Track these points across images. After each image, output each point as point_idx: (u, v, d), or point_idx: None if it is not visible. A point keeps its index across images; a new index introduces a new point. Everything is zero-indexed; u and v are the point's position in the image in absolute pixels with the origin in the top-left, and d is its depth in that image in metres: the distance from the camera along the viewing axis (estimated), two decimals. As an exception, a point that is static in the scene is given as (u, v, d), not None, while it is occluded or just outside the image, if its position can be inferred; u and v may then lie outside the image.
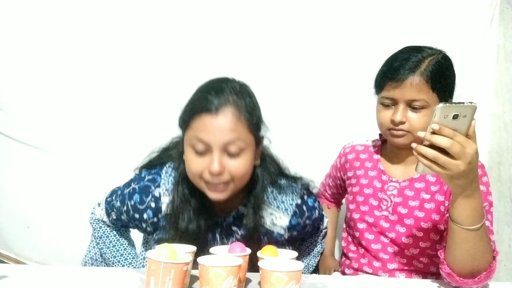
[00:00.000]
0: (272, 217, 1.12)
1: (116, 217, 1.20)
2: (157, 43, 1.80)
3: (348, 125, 1.75)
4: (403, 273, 1.23)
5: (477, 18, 1.79)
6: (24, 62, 1.84)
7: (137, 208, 1.12)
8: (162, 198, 1.11)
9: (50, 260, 1.83)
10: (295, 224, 1.15)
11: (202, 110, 0.98)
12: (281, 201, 1.14)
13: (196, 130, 0.98)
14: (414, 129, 1.14)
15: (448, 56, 1.18)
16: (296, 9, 1.80)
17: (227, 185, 1.01)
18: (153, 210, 1.11)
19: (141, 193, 1.12)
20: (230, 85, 1.02)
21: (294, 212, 1.14)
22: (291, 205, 1.14)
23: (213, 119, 0.97)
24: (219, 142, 0.97)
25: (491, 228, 1.11)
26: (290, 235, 1.16)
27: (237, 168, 1.00)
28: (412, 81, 1.12)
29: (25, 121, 1.86)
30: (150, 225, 1.14)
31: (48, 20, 1.83)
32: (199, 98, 1.01)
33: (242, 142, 0.99)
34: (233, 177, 1.00)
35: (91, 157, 1.83)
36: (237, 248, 1.00)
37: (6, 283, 0.96)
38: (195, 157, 1.00)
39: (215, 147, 0.97)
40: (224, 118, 0.97)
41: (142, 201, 1.12)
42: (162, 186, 1.12)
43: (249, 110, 1.01)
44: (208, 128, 0.97)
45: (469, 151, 0.87)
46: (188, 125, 1.00)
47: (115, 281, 1.01)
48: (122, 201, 1.15)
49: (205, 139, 0.97)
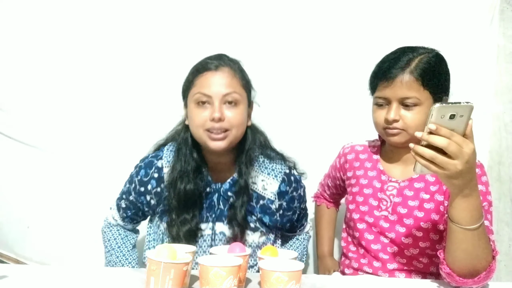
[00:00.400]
0: (263, 183, 1.26)
1: (125, 205, 1.33)
2: (157, 44, 1.80)
3: (348, 125, 1.75)
4: (403, 273, 1.23)
5: (477, 18, 1.79)
6: (23, 62, 1.84)
7: (142, 181, 1.26)
8: (164, 169, 1.25)
9: (50, 260, 1.83)
10: (284, 191, 1.28)
11: (204, 69, 1.18)
12: (272, 169, 1.28)
13: (200, 86, 1.16)
14: (409, 127, 1.15)
15: (440, 54, 1.19)
16: (296, 9, 1.80)
17: (226, 133, 1.16)
18: (156, 180, 1.25)
19: (145, 168, 1.27)
20: (225, 55, 1.23)
21: (282, 179, 1.28)
22: (280, 172, 1.28)
23: (213, 75, 1.16)
24: (219, 94, 1.14)
25: (491, 228, 1.11)
26: (280, 205, 1.28)
27: (234, 116, 1.16)
28: (402, 79, 1.14)
29: (25, 121, 1.86)
30: (154, 196, 1.26)
31: (48, 20, 1.82)
32: (201, 63, 1.21)
33: (237, 95, 1.17)
34: (231, 125, 1.16)
35: (91, 157, 1.83)
36: (237, 248, 1.00)
37: (6, 283, 0.96)
38: (199, 109, 1.16)
39: (215, 98, 1.14)
40: (222, 74, 1.16)
41: (146, 174, 1.26)
42: (164, 159, 1.26)
43: (241, 72, 1.22)
44: (209, 83, 1.15)
45: (467, 151, 0.88)
46: (192, 84, 1.18)
47: (115, 281, 1.01)
48: (130, 181, 1.30)
49: (207, 92, 1.15)
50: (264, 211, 1.27)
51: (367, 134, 1.40)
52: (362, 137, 1.43)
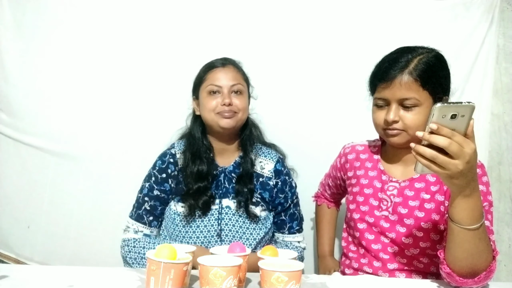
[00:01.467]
0: (261, 164, 1.48)
1: (150, 206, 1.42)
2: (160, 50, 1.80)
3: (348, 125, 1.75)
4: (403, 273, 1.23)
5: (477, 18, 1.79)
6: (23, 63, 1.84)
7: (161, 169, 1.44)
8: (177, 155, 1.45)
9: (50, 260, 1.83)
10: (280, 169, 1.48)
11: (214, 66, 1.43)
12: (268, 153, 1.51)
13: (211, 79, 1.40)
14: (408, 128, 1.15)
15: (440, 54, 1.18)
16: (297, 9, 1.80)
17: (234, 114, 1.38)
18: (173, 164, 1.44)
19: (161, 158, 1.46)
20: (229, 58, 1.47)
21: (278, 160, 1.50)
22: (276, 155, 1.51)
23: (221, 70, 1.41)
24: (227, 84, 1.39)
25: (491, 228, 1.11)
26: (276, 183, 1.47)
27: (240, 102, 1.40)
28: (401, 80, 1.13)
29: (26, 122, 1.86)
30: (173, 180, 1.43)
31: (52, 20, 1.82)
32: (209, 62, 1.45)
33: (241, 86, 1.42)
34: (238, 109, 1.39)
35: (91, 157, 1.83)
36: (237, 248, 1.00)
37: (6, 283, 0.96)
38: (211, 98, 1.39)
39: (224, 88, 1.39)
40: (229, 69, 1.42)
41: (163, 162, 1.45)
42: (176, 147, 1.47)
43: (244, 71, 1.48)
44: (218, 76, 1.40)
45: (468, 151, 0.88)
46: (204, 78, 1.42)
47: (115, 281, 1.01)
48: (149, 177, 1.44)
49: (218, 83, 1.39)
50: (264, 188, 1.46)
51: (367, 134, 1.40)
52: (362, 137, 1.43)
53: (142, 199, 1.42)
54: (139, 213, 1.42)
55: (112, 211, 1.78)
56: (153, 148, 1.53)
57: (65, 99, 1.83)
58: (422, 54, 1.16)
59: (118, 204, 1.72)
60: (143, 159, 1.57)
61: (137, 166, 1.65)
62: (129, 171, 1.77)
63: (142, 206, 1.42)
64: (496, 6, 1.78)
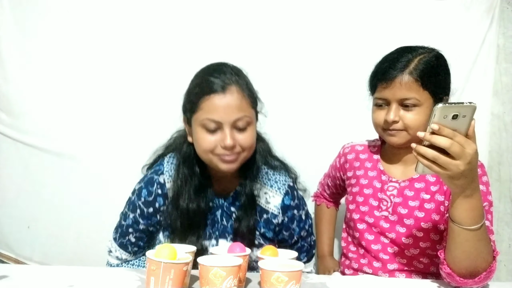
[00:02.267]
0: (266, 196, 1.21)
1: (135, 238, 1.21)
2: (160, 49, 1.80)
3: (348, 125, 1.75)
4: (403, 274, 1.23)
5: (477, 18, 1.79)
6: (25, 64, 1.84)
7: (148, 202, 1.19)
8: (166, 185, 1.19)
9: (50, 260, 1.83)
10: (288, 204, 1.21)
11: (210, 91, 1.07)
12: (275, 181, 1.23)
13: (207, 111, 1.07)
14: (408, 128, 1.15)
15: (440, 54, 1.18)
16: (297, 9, 1.80)
17: (238, 155, 1.11)
18: (162, 197, 1.19)
19: (146, 187, 1.20)
20: (227, 67, 1.14)
21: (286, 192, 1.22)
22: (284, 184, 1.23)
23: (222, 98, 1.07)
24: (230, 119, 1.07)
25: (491, 228, 1.11)
26: (282, 221, 1.21)
27: (246, 140, 1.10)
28: (401, 80, 1.13)
29: (26, 122, 1.86)
30: (162, 214, 1.19)
31: (52, 20, 1.82)
32: (205, 81, 1.10)
33: (248, 117, 1.10)
34: (243, 148, 1.11)
35: (91, 157, 1.83)
36: (237, 248, 1.00)
37: (6, 283, 0.96)
38: (207, 135, 1.09)
39: (226, 124, 1.07)
40: (231, 96, 1.07)
41: (149, 192, 1.19)
42: (166, 173, 1.20)
43: (249, 87, 1.14)
44: (218, 108, 1.06)
45: (469, 151, 0.88)
46: (197, 107, 1.09)
47: (115, 281, 1.01)
48: (133, 208, 1.21)
49: (217, 118, 1.06)
50: (268, 226, 1.21)
51: (367, 134, 1.40)
52: (362, 137, 1.43)
53: (126, 229, 1.22)
54: (123, 242, 1.23)
55: (112, 211, 1.77)
56: (153, 148, 1.52)
57: (65, 99, 1.83)
58: (423, 54, 1.16)
59: (118, 204, 1.71)
60: (143, 159, 1.57)
61: (137, 166, 1.64)
62: (129, 171, 1.76)
63: (126, 236, 1.22)
64: (496, 6, 1.78)
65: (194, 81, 1.15)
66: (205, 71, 1.15)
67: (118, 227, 1.25)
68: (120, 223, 1.24)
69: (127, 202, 1.24)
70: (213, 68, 1.14)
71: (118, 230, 1.24)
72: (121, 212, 1.26)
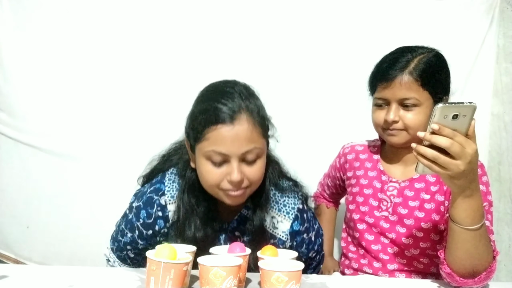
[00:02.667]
0: (273, 220, 1.12)
1: (134, 253, 1.16)
2: (161, 49, 1.80)
3: (348, 125, 1.75)
4: (403, 274, 1.23)
5: (477, 18, 1.79)
6: (25, 64, 1.84)
7: (147, 224, 1.10)
8: (168, 207, 1.10)
9: (50, 260, 1.83)
10: (297, 230, 1.12)
11: (217, 121, 0.96)
12: (283, 204, 1.13)
13: (213, 143, 0.97)
14: (408, 127, 1.15)
15: (440, 54, 1.18)
16: (297, 10, 1.80)
17: (245, 189, 1.02)
18: (162, 219, 1.10)
19: (146, 207, 1.10)
20: (237, 89, 1.02)
21: (295, 216, 1.12)
22: (293, 208, 1.13)
23: (230, 130, 0.96)
24: (238, 152, 0.97)
25: (491, 228, 1.11)
26: (291, 245, 1.14)
27: (255, 174, 1.01)
28: (401, 80, 1.13)
29: (26, 122, 1.86)
30: (162, 235, 1.12)
31: (52, 20, 1.82)
32: (211, 108, 0.98)
33: (258, 149, 1.00)
34: (251, 183, 1.02)
35: (91, 157, 1.83)
36: (237, 248, 1.00)
37: (6, 283, 0.96)
38: (213, 168, 0.99)
39: (233, 157, 0.97)
40: (240, 127, 0.96)
41: (149, 214, 1.10)
42: (167, 194, 1.10)
43: (261, 114, 1.02)
44: (225, 140, 0.96)
45: (469, 151, 0.87)
46: (202, 136, 0.98)
47: (115, 281, 1.01)
48: (131, 228, 1.12)
49: (224, 151, 0.96)
50: None
51: (367, 134, 1.40)
52: (362, 137, 1.42)
53: (124, 245, 1.15)
54: (121, 256, 1.17)
55: (112, 211, 1.77)
56: (153, 148, 1.52)
57: (65, 99, 1.83)
58: (422, 54, 1.16)
59: (118, 204, 1.70)
60: (143, 159, 1.57)
61: (137, 166, 1.64)
62: (129, 171, 1.75)
63: (123, 251, 1.16)
64: (496, 6, 1.78)
65: (199, 106, 1.03)
66: (212, 95, 1.03)
67: (115, 240, 1.17)
68: (117, 237, 1.17)
69: (124, 218, 1.15)
70: (221, 91, 1.02)
71: (115, 244, 1.17)
72: (117, 225, 1.18)
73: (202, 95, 1.06)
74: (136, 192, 1.18)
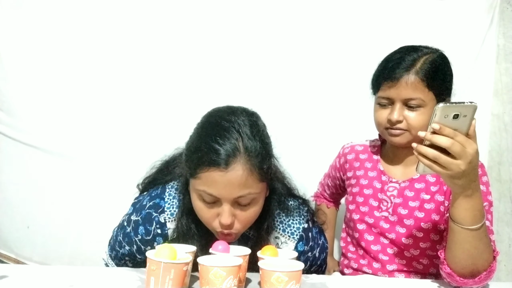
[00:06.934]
0: (277, 241, 1.09)
1: (132, 263, 1.16)
2: (161, 49, 1.80)
3: (348, 125, 1.75)
4: (402, 274, 1.23)
5: (477, 18, 1.79)
6: (25, 64, 1.84)
7: (145, 241, 1.09)
8: (167, 224, 1.08)
9: (50, 260, 1.83)
10: (302, 250, 1.10)
11: (210, 163, 0.91)
12: (287, 225, 1.10)
13: (205, 183, 0.93)
14: (412, 128, 1.15)
15: (444, 55, 1.18)
16: (296, 10, 1.80)
17: (237, 232, 1.00)
18: (161, 236, 1.08)
19: (144, 224, 1.08)
20: (237, 125, 0.95)
21: (300, 237, 1.10)
22: (298, 229, 1.10)
23: (223, 175, 0.91)
24: (230, 197, 0.93)
25: (491, 228, 1.11)
26: None
27: (248, 217, 0.98)
28: (407, 80, 1.13)
29: (26, 122, 1.86)
30: None
31: (52, 20, 1.82)
32: (206, 147, 0.93)
33: (253, 194, 0.95)
34: (244, 225, 0.99)
35: (91, 157, 1.83)
36: (219, 246, 0.97)
37: (6, 283, 0.96)
38: (204, 206, 0.97)
39: (225, 201, 0.94)
40: (235, 173, 0.91)
41: (147, 231, 1.08)
42: (167, 211, 1.08)
43: (261, 155, 0.95)
44: (217, 184, 0.92)
45: (470, 151, 0.87)
46: (196, 174, 0.94)
47: (115, 281, 1.01)
48: (129, 242, 1.11)
49: (215, 194, 0.93)
50: None
51: (367, 134, 1.39)
52: (362, 137, 1.42)
53: (122, 255, 1.14)
54: (119, 264, 1.17)
55: (112, 211, 1.77)
56: (153, 149, 1.51)
57: (65, 99, 1.83)
58: (428, 54, 1.15)
59: (118, 204, 1.71)
60: (143, 159, 1.57)
61: (137, 166, 1.64)
62: (129, 171, 1.77)
63: (121, 260, 1.16)
64: (496, 6, 1.78)
65: (196, 141, 0.98)
66: (210, 130, 0.96)
67: (113, 249, 1.15)
68: (114, 247, 1.15)
69: (122, 230, 1.12)
70: (220, 127, 0.95)
71: (113, 252, 1.16)
72: (115, 234, 1.16)
73: (202, 126, 1.01)
74: (135, 202, 1.16)
